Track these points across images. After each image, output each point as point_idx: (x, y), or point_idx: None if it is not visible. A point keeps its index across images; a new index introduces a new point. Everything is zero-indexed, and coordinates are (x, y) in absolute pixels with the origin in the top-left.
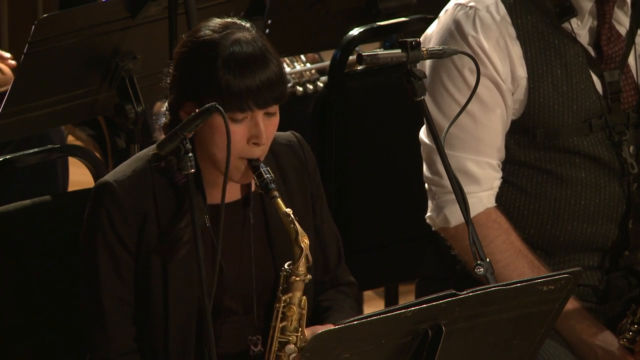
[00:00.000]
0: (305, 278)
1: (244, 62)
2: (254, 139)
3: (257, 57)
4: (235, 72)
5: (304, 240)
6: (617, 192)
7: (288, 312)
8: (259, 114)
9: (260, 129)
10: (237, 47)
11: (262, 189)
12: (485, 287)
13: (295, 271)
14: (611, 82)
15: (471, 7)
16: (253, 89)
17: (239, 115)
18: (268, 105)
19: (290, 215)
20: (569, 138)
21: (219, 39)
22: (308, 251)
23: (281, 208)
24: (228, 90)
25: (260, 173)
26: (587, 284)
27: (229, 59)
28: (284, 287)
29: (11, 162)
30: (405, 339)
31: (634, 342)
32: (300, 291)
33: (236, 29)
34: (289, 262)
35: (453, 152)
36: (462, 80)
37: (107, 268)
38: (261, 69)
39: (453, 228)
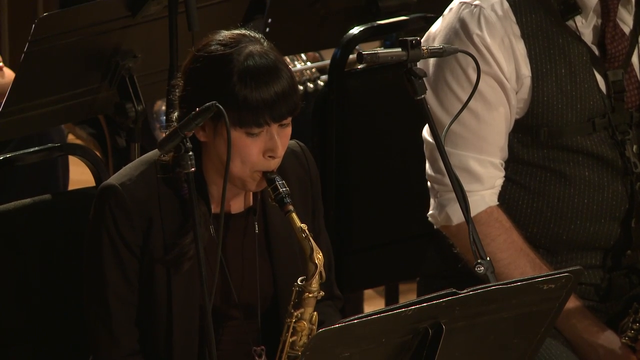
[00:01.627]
0: (318, 295)
1: (259, 76)
2: (270, 152)
3: (271, 69)
4: (251, 86)
5: (318, 256)
6: (620, 191)
7: (298, 327)
8: (274, 127)
9: (276, 142)
10: (252, 61)
11: (276, 202)
12: (486, 286)
13: (309, 287)
14: (615, 81)
15: (476, 5)
16: (269, 102)
17: (255, 129)
18: (283, 118)
19: (305, 231)
20: (573, 137)
21: (231, 54)
22: (322, 268)
23: (296, 223)
24: (245, 104)
25: (276, 186)
26: (588, 283)
27: (244, 73)
28: (295, 302)
29: (11, 160)
30: (405, 338)
31: (636, 341)
32: (312, 307)
33: (248, 42)
34: (302, 278)
35: (456, 150)
36: (465, 78)
37: (113, 270)
38: (275, 81)
39: (455, 226)
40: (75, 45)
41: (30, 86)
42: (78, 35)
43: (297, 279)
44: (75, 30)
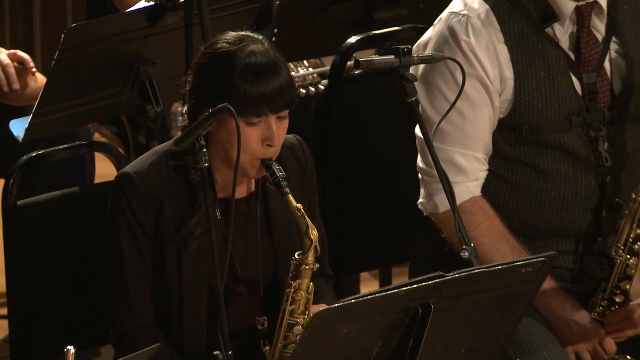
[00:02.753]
0: (314, 266)
1: (259, 72)
2: (267, 140)
3: (270, 66)
4: (251, 80)
5: (313, 232)
6: (592, 183)
7: (296, 296)
8: (272, 118)
9: (273, 132)
10: (253, 58)
11: (274, 185)
12: (470, 269)
13: (305, 260)
14: (589, 84)
15: (464, 14)
16: (267, 95)
17: (254, 119)
18: (280, 110)
19: (301, 210)
20: (551, 134)
21: (235, 51)
22: (317, 243)
23: (292, 203)
24: (245, 97)
25: (273, 171)
26: (563, 266)
27: (245, 69)
28: (293, 274)
29: (43, 157)
30: (397, 316)
31: (604, 316)
32: (308, 278)
33: (250, 42)
34: (298, 252)
35: (443, 145)
36: (453, 81)
37: (129, 249)
38: (274, 77)
39: (442, 213)
40: (100, 53)
41: (60, 90)
42: (103, 44)
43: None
44: (100, 39)
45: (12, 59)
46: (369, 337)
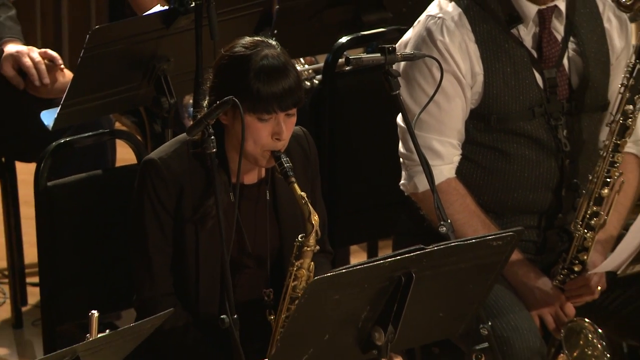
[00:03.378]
0: (314, 249)
1: (270, 74)
2: (277, 135)
3: (280, 69)
4: (264, 81)
5: (314, 218)
6: (553, 166)
7: (299, 274)
8: (281, 115)
9: (282, 127)
10: (266, 61)
11: (282, 175)
12: (447, 243)
13: (307, 243)
14: (549, 78)
15: (439, 17)
16: (277, 95)
17: (265, 116)
18: (289, 108)
19: (304, 198)
20: (517, 123)
21: (251, 55)
22: (318, 227)
23: (297, 192)
24: (258, 95)
25: (281, 162)
26: (528, 240)
27: (259, 71)
28: (296, 254)
29: (70, 143)
30: (383, 284)
31: (564, 283)
32: (309, 258)
33: (264, 46)
34: (301, 235)
35: (422, 133)
36: (430, 76)
37: (153, 226)
38: (284, 79)
39: (421, 193)
40: (120, 51)
41: (85, 84)
42: (123, 44)
43: (298, 235)
44: (120, 39)
45: (43, 57)
46: (358, 303)
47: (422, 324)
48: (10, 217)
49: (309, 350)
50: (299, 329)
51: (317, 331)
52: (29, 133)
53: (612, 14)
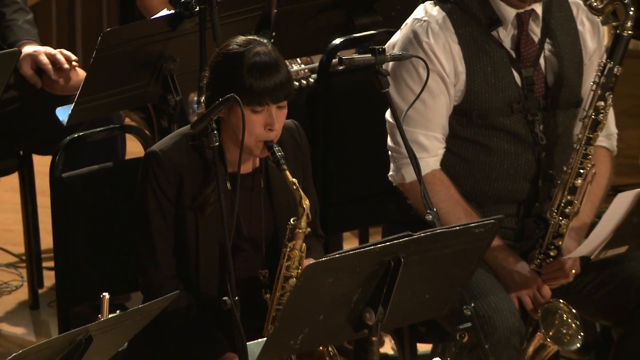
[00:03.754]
0: (306, 230)
1: (262, 69)
2: (269, 126)
3: (272, 65)
4: (256, 76)
5: (305, 202)
6: (530, 159)
7: (292, 254)
8: (273, 107)
9: (274, 118)
10: (258, 57)
11: (274, 163)
12: (433, 230)
13: (299, 225)
14: (527, 77)
15: (425, 20)
16: (269, 88)
17: (258, 108)
18: (280, 100)
19: (296, 184)
20: (496, 118)
21: (243, 52)
22: (309, 211)
23: (289, 178)
24: (251, 90)
25: (273, 151)
26: (507, 227)
27: (251, 67)
28: (289, 236)
29: (84, 137)
30: (374, 268)
31: (541, 267)
32: (301, 240)
33: (256, 44)
34: (293, 218)
35: (409, 127)
36: (416, 75)
37: (155, 213)
38: (275, 74)
39: (408, 184)
40: (130, 52)
41: (98, 82)
42: (132, 45)
43: (291, 219)
44: (130, 41)
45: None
46: (350, 285)
47: (410, 305)
48: (28, 206)
49: (304, 330)
50: (296, 310)
51: (313, 312)
52: (45, 128)
53: (585, 18)
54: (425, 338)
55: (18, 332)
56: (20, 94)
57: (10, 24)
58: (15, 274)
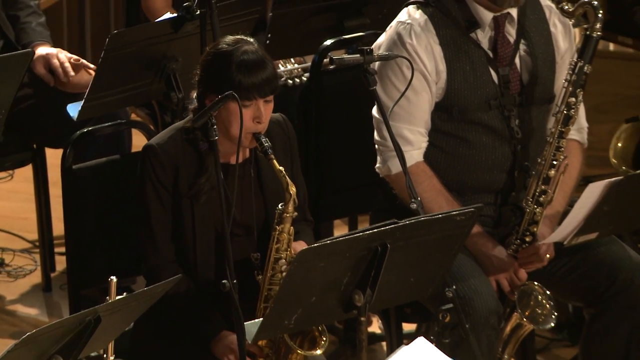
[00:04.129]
0: (293, 214)
1: (250, 66)
2: (257, 118)
3: (258, 62)
4: (244, 73)
5: (291, 188)
6: (507, 151)
7: (281, 237)
8: (260, 101)
9: (261, 111)
10: (245, 56)
11: (262, 153)
12: (417, 217)
13: (286, 210)
14: (503, 75)
15: (408, 23)
16: (257, 84)
17: (246, 102)
18: (267, 95)
19: (282, 171)
20: (475, 114)
21: (232, 50)
22: (295, 196)
23: (276, 166)
24: (240, 85)
25: (261, 142)
26: (486, 215)
27: (240, 64)
28: (277, 220)
29: (93, 132)
30: (362, 253)
31: (517, 252)
32: (289, 223)
33: (244, 43)
34: (281, 204)
35: (394, 123)
36: (401, 73)
37: (154, 202)
38: (262, 70)
39: (394, 175)
40: (136, 53)
41: (105, 81)
42: (138, 46)
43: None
44: (136, 42)
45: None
46: (341, 269)
47: (396, 287)
48: (41, 196)
49: (298, 311)
50: (290, 292)
51: (305, 294)
52: (57, 123)
53: (557, 20)
54: (410, 318)
55: (32, 313)
56: (34, 91)
57: (24, 26)
58: (29, 258)
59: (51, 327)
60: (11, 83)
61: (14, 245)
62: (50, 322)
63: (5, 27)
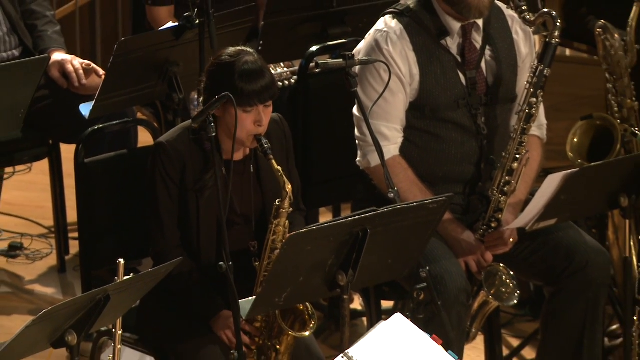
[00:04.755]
0: (288, 210)
1: (251, 75)
2: (258, 122)
3: (258, 72)
4: (246, 81)
5: (288, 187)
6: (474, 146)
7: (277, 230)
8: (261, 107)
9: (261, 116)
10: (247, 66)
11: (262, 153)
12: (394, 206)
13: (283, 205)
14: (470, 78)
15: (385, 31)
16: (257, 91)
17: (248, 108)
18: (266, 101)
19: (280, 171)
20: (445, 112)
21: (235, 61)
22: (291, 194)
23: (274, 166)
24: (242, 93)
25: (261, 143)
26: (456, 203)
27: (242, 73)
28: (275, 214)
29: (103, 129)
30: (345, 238)
31: (484, 237)
32: (285, 218)
33: (245, 54)
34: (278, 200)
35: (373, 120)
36: (379, 76)
37: (163, 193)
38: (261, 79)
39: (373, 167)
40: (141, 58)
41: (114, 83)
42: (143, 52)
43: (276, 200)
44: (141, 49)
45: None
46: (325, 252)
47: (375, 268)
48: (56, 187)
49: (287, 289)
50: (280, 273)
51: (294, 274)
52: (70, 121)
53: (519, 28)
54: (388, 296)
55: (48, 292)
56: (49, 92)
57: (41, 34)
58: (46, 243)
59: (65, 305)
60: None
61: (32, 231)
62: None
63: (24, 36)
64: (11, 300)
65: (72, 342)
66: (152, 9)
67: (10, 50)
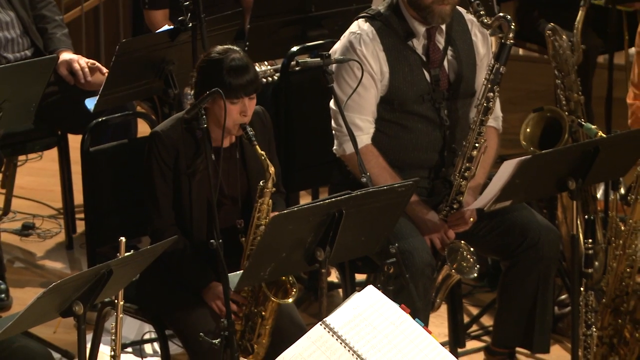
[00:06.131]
0: (272, 190)
1: (238, 71)
2: (243, 112)
3: (244, 67)
4: (233, 76)
5: (270, 169)
6: (437, 135)
7: (261, 208)
8: (246, 99)
9: (247, 107)
10: (234, 62)
11: (247, 140)
12: (366, 189)
13: (266, 186)
14: (434, 75)
15: (358, 33)
16: (243, 85)
17: (235, 100)
18: (251, 94)
19: (264, 155)
20: (412, 106)
21: (223, 58)
22: (274, 175)
23: (258, 151)
24: (230, 87)
25: (246, 131)
26: (422, 187)
27: (229, 69)
28: (259, 194)
29: (106, 121)
30: (322, 218)
31: (447, 217)
32: (268, 197)
33: (232, 52)
34: (262, 181)
35: (347, 113)
36: (353, 74)
37: (158, 177)
38: (247, 74)
39: (348, 155)
40: (140, 57)
41: (116, 80)
42: (142, 52)
43: (260, 181)
44: (141, 49)
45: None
46: (305, 231)
47: (350, 245)
48: (65, 172)
49: (271, 264)
50: (264, 249)
51: (277, 251)
52: (77, 114)
53: (478, 30)
54: (361, 270)
55: (57, 266)
56: (58, 88)
57: (51, 36)
58: (55, 223)
59: (73, 278)
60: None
61: (43, 212)
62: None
63: (35, 38)
64: (24, 274)
65: (79, 312)
66: (149, 12)
67: (23, 50)
